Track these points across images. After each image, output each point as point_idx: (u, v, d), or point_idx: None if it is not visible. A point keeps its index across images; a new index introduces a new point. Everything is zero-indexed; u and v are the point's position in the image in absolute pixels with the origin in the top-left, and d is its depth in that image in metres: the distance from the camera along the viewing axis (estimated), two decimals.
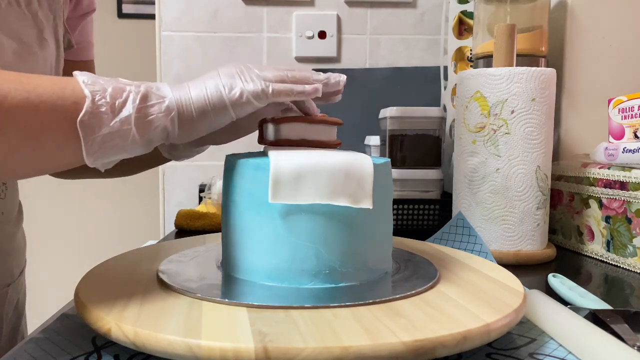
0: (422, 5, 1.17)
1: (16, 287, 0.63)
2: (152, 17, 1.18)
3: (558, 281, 0.55)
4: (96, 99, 0.39)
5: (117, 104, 0.39)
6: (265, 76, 0.45)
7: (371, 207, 0.43)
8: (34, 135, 0.38)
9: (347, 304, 0.39)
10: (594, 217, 0.72)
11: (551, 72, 0.69)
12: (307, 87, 0.46)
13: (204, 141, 0.56)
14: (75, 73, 0.41)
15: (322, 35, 1.15)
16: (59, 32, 0.59)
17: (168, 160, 0.64)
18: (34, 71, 0.53)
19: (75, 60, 0.68)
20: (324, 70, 0.67)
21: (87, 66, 0.71)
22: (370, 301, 0.39)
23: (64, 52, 0.62)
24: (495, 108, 0.68)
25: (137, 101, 0.40)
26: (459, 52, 0.99)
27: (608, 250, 0.70)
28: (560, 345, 0.40)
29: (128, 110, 0.40)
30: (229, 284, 0.45)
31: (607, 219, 0.70)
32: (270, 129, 0.51)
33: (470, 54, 0.99)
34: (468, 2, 0.99)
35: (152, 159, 0.64)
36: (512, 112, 0.67)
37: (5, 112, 0.36)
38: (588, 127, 0.84)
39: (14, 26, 0.52)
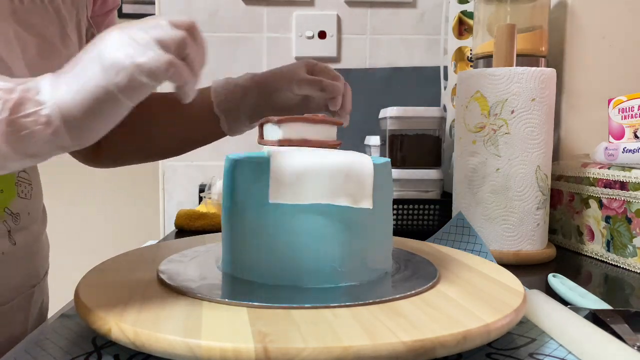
0: (422, 5, 1.17)
1: (41, 288, 0.63)
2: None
3: (558, 281, 0.55)
4: None
5: None
6: (161, 39, 0.35)
7: (371, 207, 0.43)
8: None
9: (347, 304, 0.39)
10: (594, 217, 0.72)
11: (551, 72, 0.69)
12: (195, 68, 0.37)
13: (258, 118, 0.58)
14: None
15: (322, 35, 1.15)
16: (82, 28, 0.58)
17: (223, 136, 0.67)
18: (58, 69, 0.53)
19: None
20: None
21: None
22: (370, 301, 0.39)
23: None
24: (495, 108, 0.68)
25: (8, 111, 0.33)
26: (459, 52, 0.99)
27: (608, 250, 0.70)
28: (560, 345, 0.40)
29: None
30: (229, 284, 0.45)
31: (607, 219, 0.70)
32: (270, 128, 0.51)
33: (470, 54, 0.99)
34: (468, 2, 0.99)
35: (208, 136, 0.67)
36: (512, 112, 0.67)
37: None
38: (588, 127, 0.84)
39: (37, 23, 0.52)
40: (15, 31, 0.49)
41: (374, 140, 0.97)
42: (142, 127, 0.70)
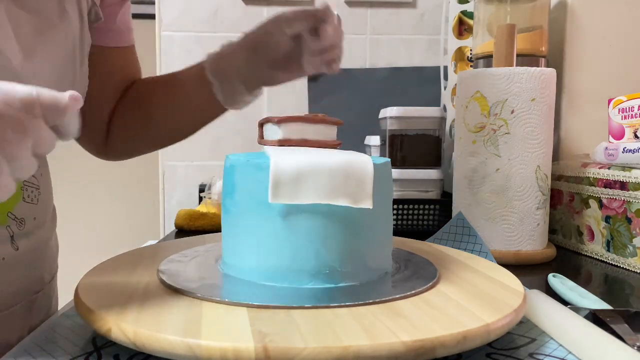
0: (422, 5, 1.17)
1: (46, 293, 0.61)
2: (152, 17, 1.18)
3: (558, 281, 0.55)
4: None
5: None
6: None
7: (371, 207, 0.43)
8: None
9: (347, 304, 0.39)
10: (594, 217, 0.72)
11: (551, 72, 0.69)
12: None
13: (255, 85, 0.58)
14: None
15: None
16: (82, 5, 0.57)
17: (224, 111, 0.66)
18: (55, 45, 0.52)
19: (116, 46, 0.67)
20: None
21: (131, 51, 0.70)
22: (370, 301, 0.39)
23: (91, 25, 0.60)
24: (495, 108, 0.68)
25: None
26: (459, 52, 0.99)
27: (608, 250, 0.70)
28: (560, 345, 0.40)
29: None
30: (229, 284, 0.45)
31: (607, 219, 0.70)
32: (270, 128, 0.52)
33: (470, 54, 0.99)
34: (468, 2, 0.99)
35: (207, 110, 0.66)
36: (512, 112, 0.67)
37: None
38: (588, 127, 0.84)
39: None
40: (7, 9, 0.48)
41: (374, 140, 0.97)
42: (141, 110, 0.69)
